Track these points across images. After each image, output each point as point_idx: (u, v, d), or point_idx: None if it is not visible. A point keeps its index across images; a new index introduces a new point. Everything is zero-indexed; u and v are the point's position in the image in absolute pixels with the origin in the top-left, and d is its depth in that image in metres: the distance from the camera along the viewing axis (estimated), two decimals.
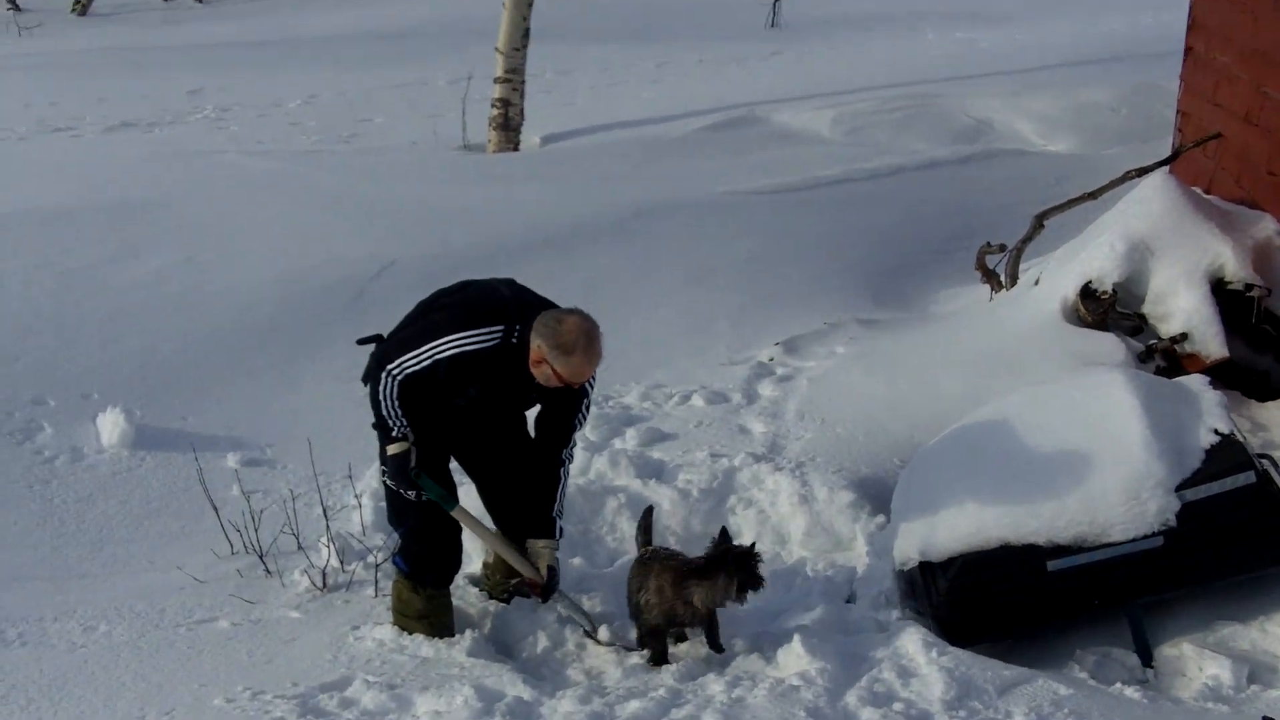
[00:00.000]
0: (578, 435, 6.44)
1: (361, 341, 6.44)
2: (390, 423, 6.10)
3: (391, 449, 6.14)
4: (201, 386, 9.09)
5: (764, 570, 6.08)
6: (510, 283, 6.31)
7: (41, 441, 8.29)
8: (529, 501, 6.38)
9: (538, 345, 5.91)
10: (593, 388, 6.34)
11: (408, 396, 6.07)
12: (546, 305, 6.12)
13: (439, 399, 6.14)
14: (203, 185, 12.57)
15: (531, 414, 6.48)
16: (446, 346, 5.95)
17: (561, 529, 6.42)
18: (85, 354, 9.19)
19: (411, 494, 6.20)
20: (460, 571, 6.60)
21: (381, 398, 6.07)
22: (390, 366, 6.03)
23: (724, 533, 6.25)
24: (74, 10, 26.69)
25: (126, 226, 11.12)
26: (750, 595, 6.04)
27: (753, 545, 6.10)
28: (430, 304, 6.28)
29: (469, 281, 6.37)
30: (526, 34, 16.26)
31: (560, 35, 21.13)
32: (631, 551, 7.13)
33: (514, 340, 5.97)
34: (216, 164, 13.82)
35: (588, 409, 6.39)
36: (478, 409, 6.26)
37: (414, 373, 6.00)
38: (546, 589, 6.33)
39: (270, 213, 11.81)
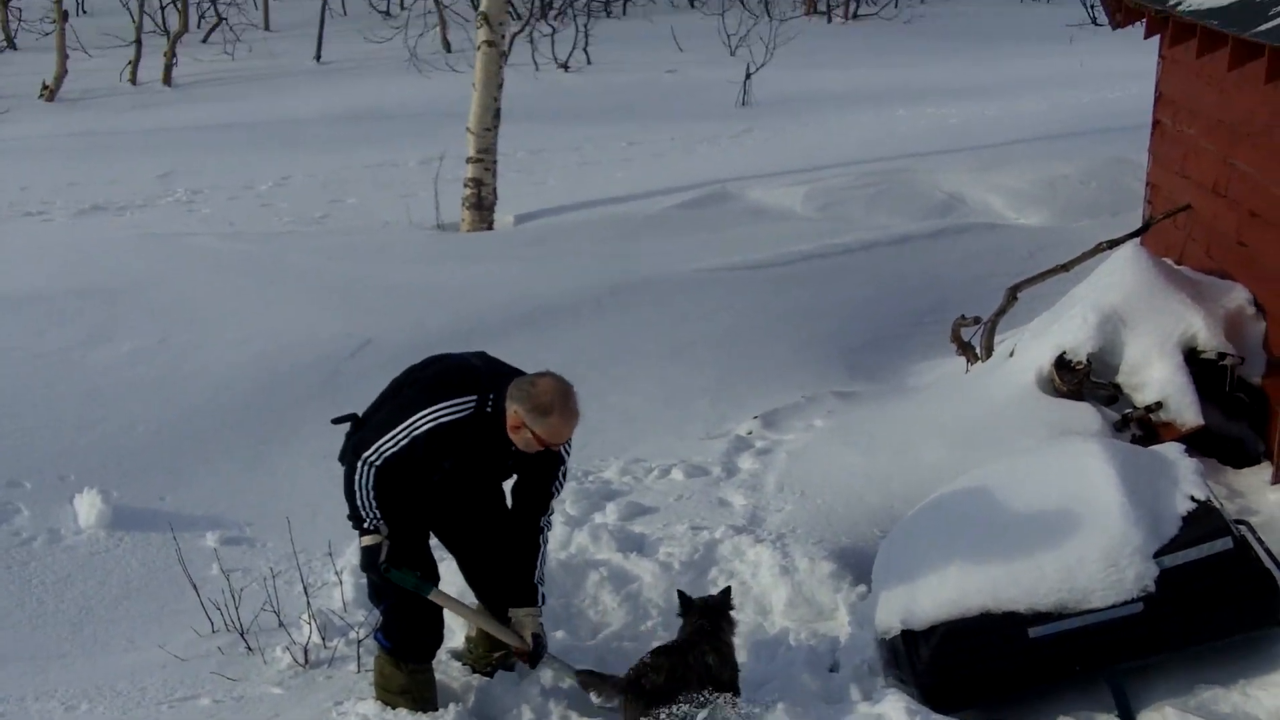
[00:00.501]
0: (555, 503, 6.44)
1: (336, 421, 6.43)
2: (363, 513, 6.08)
3: (363, 541, 6.13)
4: (178, 467, 9.08)
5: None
6: (481, 355, 6.33)
7: (19, 523, 8.26)
8: (509, 571, 6.37)
9: (514, 410, 5.91)
10: (569, 454, 6.33)
11: (385, 482, 6.06)
12: (518, 373, 6.13)
13: (415, 476, 6.12)
14: (176, 268, 12.60)
15: (508, 485, 6.49)
16: (422, 422, 5.95)
17: (544, 596, 6.41)
18: (61, 436, 9.17)
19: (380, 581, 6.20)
20: (443, 646, 6.58)
21: (356, 488, 6.05)
22: (367, 454, 6.00)
23: (682, 598, 6.38)
24: (41, 96, 26.74)
25: (100, 309, 11.14)
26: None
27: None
28: (402, 381, 6.30)
29: (439, 356, 6.39)
30: (497, 114, 16.34)
31: (531, 115, 21.27)
32: (613, 624, 7.14)
33: (488, 409, 5.97)
34: (189, 246, 13.86)
35: (565, 476, 6.39)
36: (454, 483, 6.24)
37: (392, 454, 5.99)
38: (534, 656, 6.31)
39: (244, 294, 11.84)
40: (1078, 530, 6.22)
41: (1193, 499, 6.35)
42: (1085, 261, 10.09)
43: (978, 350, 10.09)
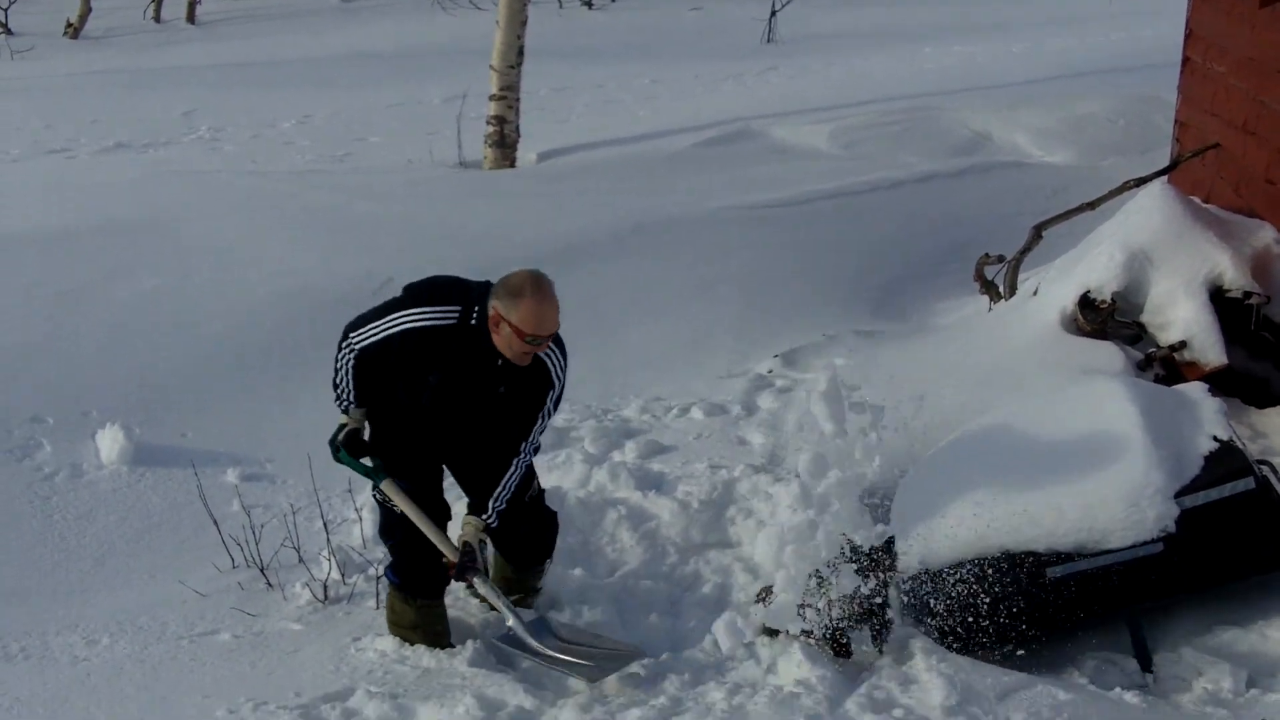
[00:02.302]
0: (538, 431, 6.28)
1: None
2: (336, 392, 6.23)
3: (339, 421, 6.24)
4: (200, 404, 9.09)
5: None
6: (483, 280, 6.22)
7: (41, 459, 8.29)
8: (478, 487, 6.31)
9: (492, 305, 5.84)
10: (560, 379, 6.21)
11: (366, 373, 6.14)
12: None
13: (403, 388, 6.14)
14: (198, 205, 12.58)
15: None
16: (400, 321, 5.97)
17: (495, 517, 6.20)
18: (83, 372, 9.19)
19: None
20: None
21: (337, 365, 6.18)
22: (353, 336, 6.09)
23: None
24: (66, 33, 26.73)
25: (123, 247, 11.13)
26: None
27: None
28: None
29: (443, 275, 6.39)
30: (521, 52, 16.26)
31: (555, 54, 21.19)
32: (631, 563, 7.14)
33: (473, 321, 5.93)
34: (211, 184, 13.84)
35: (555, 403, 6.26)
36: (446, 402, 6.17)
37: (367, 345, 6.03)
38: (460, 566, 6.15)
39: (265, 232, 11.82)
40: (1098, 470, 6.18)
41: (1215, 439, 6.31)
42: (1112, 200, 10.02)
43: (1001, 289, 10.04)
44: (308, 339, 9.75)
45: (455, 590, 6.59)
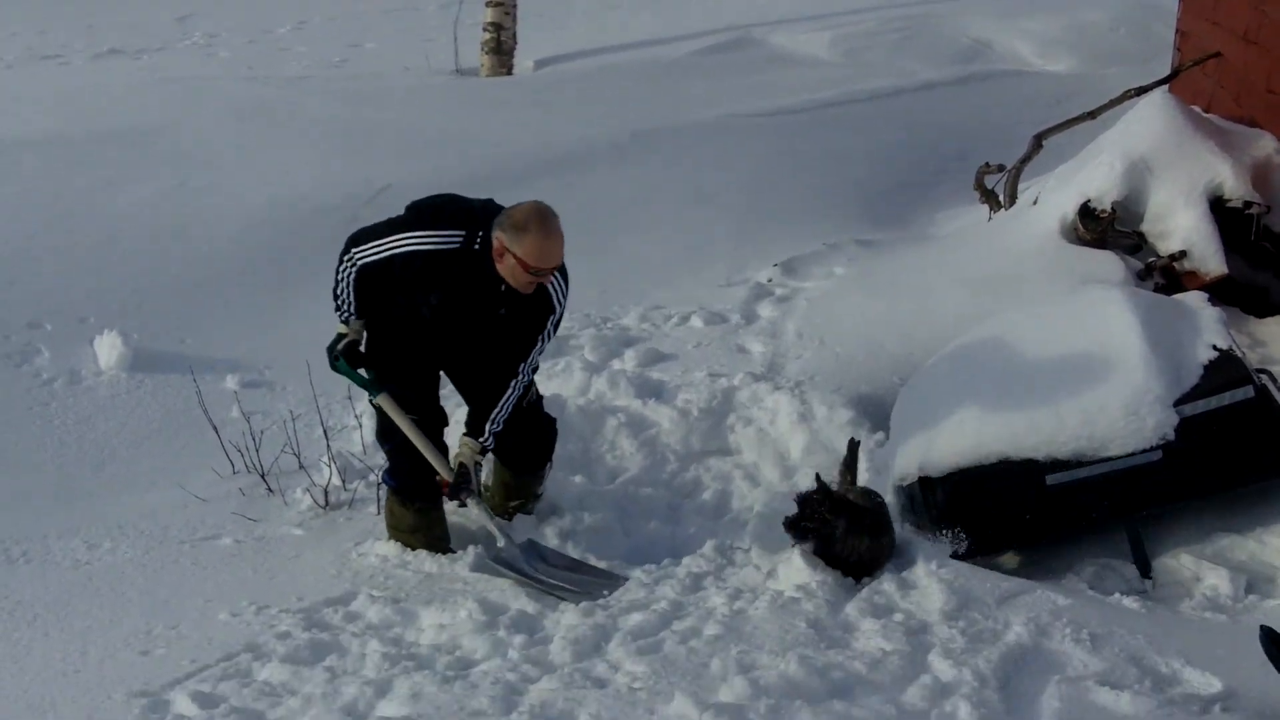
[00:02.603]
0: (537, 354, 6.32)
1: None
2: (336, 302, 6.23)
3: (338, 330, 6.26)
4: (198, 310, 9.09)
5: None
6: (486, 200, 6.23)
7: (39, 364, 8.29)
8: (475, 398, 6.38)
9: (496, 236, 5.88)
10: (562, 305, 6.24)
11: (367, 288, 6.13)
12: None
13: (403, 303, 6.15)
14: (194, 112, 12.50)
15: None
16: (404, 242, 5.97)
17: (491, 439, 6.26)
18: (80, 279, 9.17)
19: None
20: None
21: (338, 277, 6.17)
22: (355, 251, 6.08)
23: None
24: None
25: (119, 153, 11.08)
26: None
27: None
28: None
29: (449, 193, 6.35)
30: None
31: None
32: (631, 470, 7.15)
33: (476, 246, 5.95)
34: (207, 91, 13.73)
35: (555, 326, 6.28)
36: (447, 321, 6.20)
37: (369, 263, 6.03)
38: (454, 487, 6.24)
39: (262, 139, 11.77)
40: (1098, 379, 6.19)
41: (1214, 348, 6.32)
42: (1112, 109, 9.98)
43: (1001, 198, 10.02)
44: (305, 246, 9.73)
45: None
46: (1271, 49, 8.77)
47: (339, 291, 6.22)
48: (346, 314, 6.25)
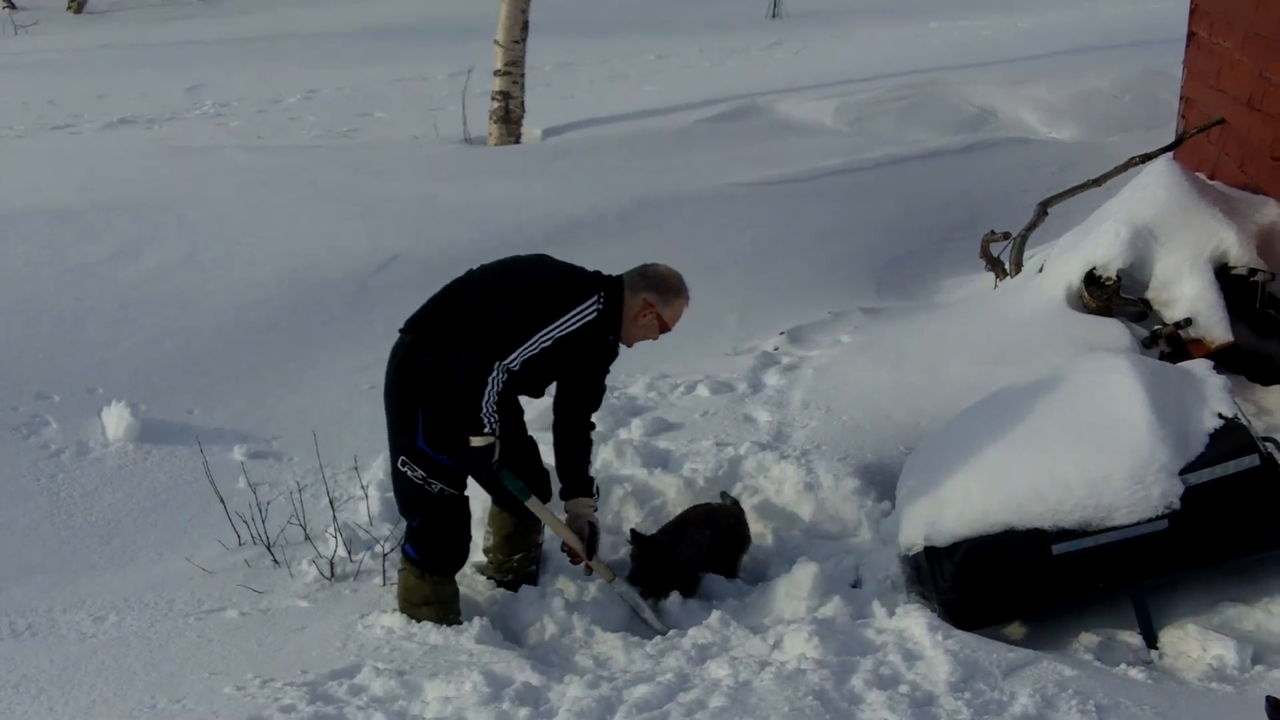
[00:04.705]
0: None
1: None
2: (485, 420, 6.07)
3: (476, 441, 6.12)
4: (206, 382, 9.10)
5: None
6: (550, 256, 6.52)
7: (47, 436, 8.30)
8: (563, 466, 6.55)
9: (644, 298, 6.22)
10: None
11: (509, 386, 6.14)
12: (604, 274, 6.35)
13: (530, 382, 6.29)
14: (203, 182, 12.57)
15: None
16: (566, 325, 6.09)
17: (598, 488, 6.66)
18: (89, 349, 9.19)
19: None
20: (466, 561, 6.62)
21: (487, 394, 6.03)
22: (507, 360, 6.02)
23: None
24: (70, 8, 26.70)
25: (128, 223, 11.12)
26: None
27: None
28: (487, 292, 6.27)
29: (528, 260, 6.50)
30: (525, 26, 16.24)
31: (560, 28, 21.15)
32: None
33: (601, 307, 6.16)
34: (217, 160, 13.82)
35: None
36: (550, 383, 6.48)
37: (530, 357, 6.06)
38: (590, 545, 6.48)
39: (271, 208, 11.81)
40: (1104, 447, 6.19)
41: (1220, 416, 6.31)
42: (1117, 176, 10.03)
43: (1007, 266, 10.05)
44: (314, 316, 9.79)
45: (463, 568, 6.59)
46: (1276, 116, 8.82)
47: (488, 409, 6.06)
48: (492, 425, 6.11)
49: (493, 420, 6.08)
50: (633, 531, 6.78)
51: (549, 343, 6.05)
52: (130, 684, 5.95)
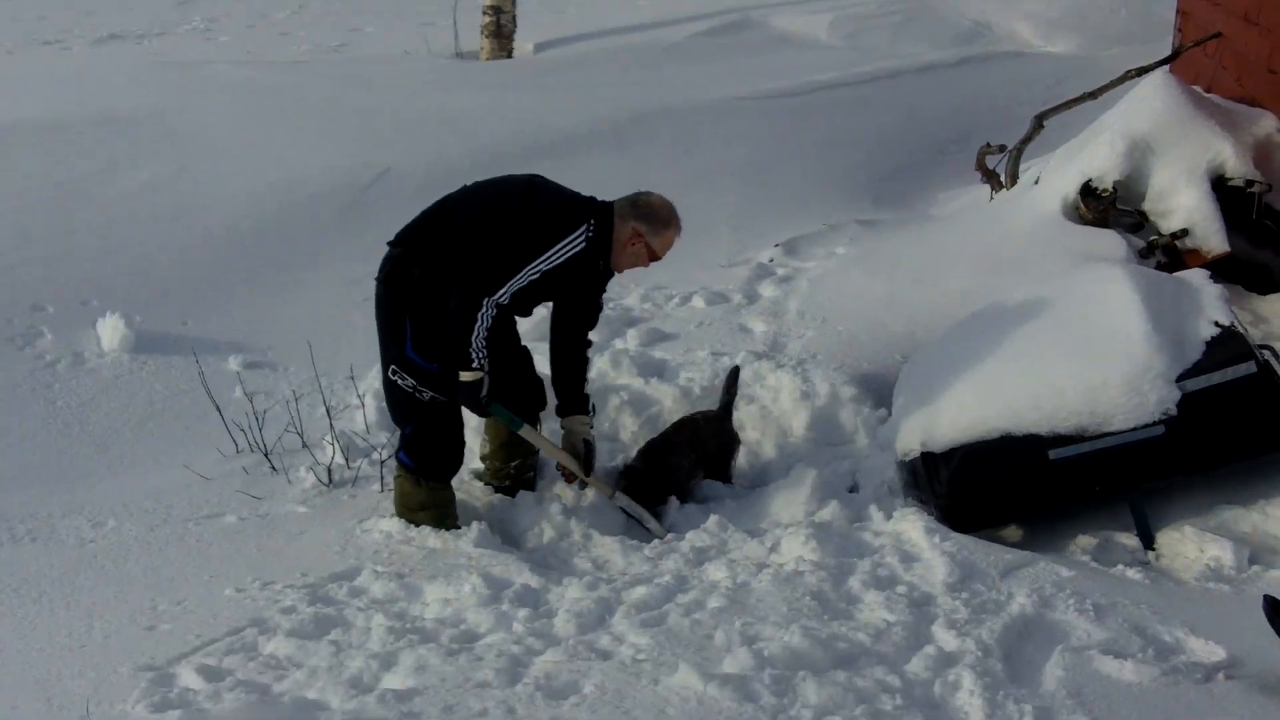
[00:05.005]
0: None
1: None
2: (474, 356, 6.07)
3: (465, 376, 6.12)
4: (199, 293, 9.10)
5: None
6: (542, 179, 6.43)
7: (42, 347, 8.29)
8: (559, 383, 6.58)
9: (633, 227, 6.20)
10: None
11: (498, 319, 6.13)
12: (598, 200, 6.32)
13: (518, 307, 6.29)
14: (193, 96, 12.50)
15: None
16: (555, 257, 6.07)
17: (594, 406, 6.65)
18: (82, 262, 9.18)
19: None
20: (463, 467, 6.63)
21: (477, 330, 6.02)
22: (496, 296, 6.01)
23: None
24: None
25: (119, 138, 11.08)
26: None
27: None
28: (481, 209, 6.23)
29: (519, 181, 6.41)
30: None
31: None
32: (634, 448, 7.16)
33: (591, 235, 6.14)
34: (207, 75, 13.75)
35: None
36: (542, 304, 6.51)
37: (519, 289, 6.06)
38: (587, 464, 6.51)
39: (262, 123, 11.77)
40: (1100, 355, 6.19)
41: (1216, 324, 6.31)
42: (1113, 90, 9.98)
43: (1003, 178, 10.03)
44: (305, 229, 9.78)
45: (460, 473, 6.60)
46: (1272, 29, 8.78)
47: (477, 344, 6.05)
48: (480, 360, 6.10)
49: (481, 356, 6.08)
50: (627, 467, 6.82)
51: (536, 275, 6.05)
52: (130, 588, 5.96)
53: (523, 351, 6.60)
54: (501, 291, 6.01)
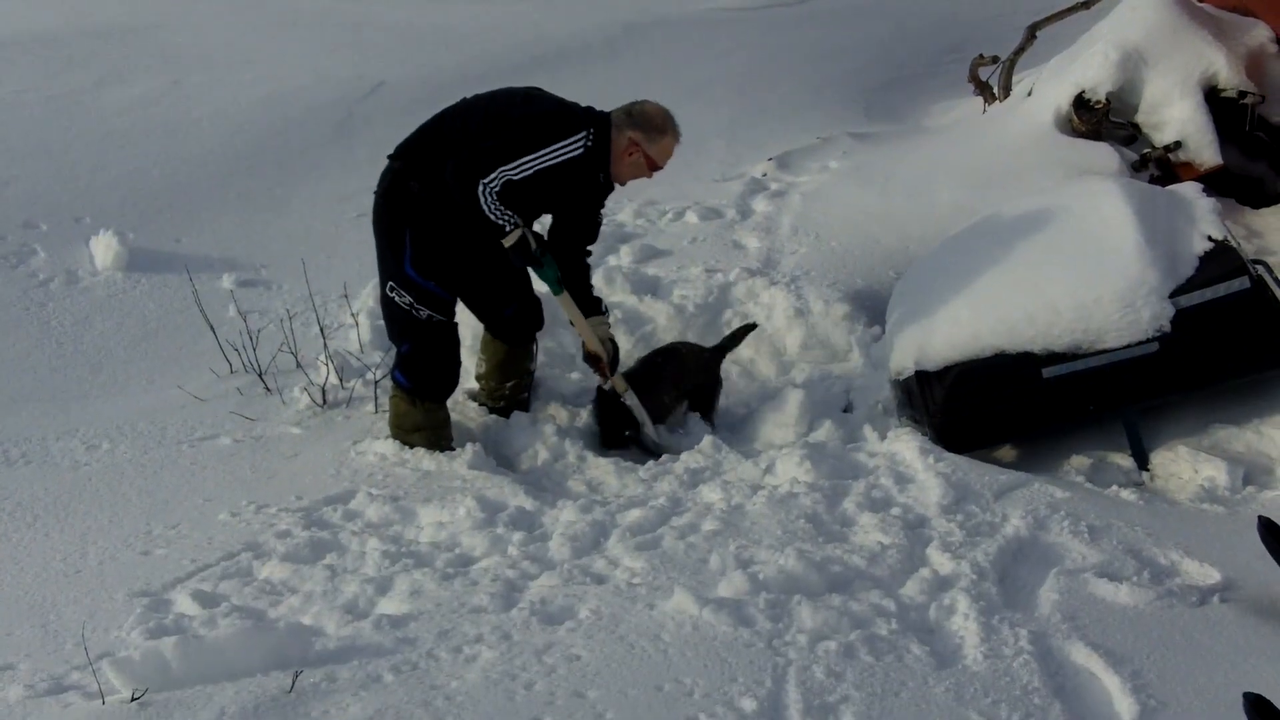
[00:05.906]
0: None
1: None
2: (500, 220, 6.06)
3: (507, 240, 6.13)
4: (193, 209, 9.06)
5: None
6: (541, 90, 6.42)
7: (35, 265, 8.25)
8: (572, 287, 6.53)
9: (629, 136, 6.16)
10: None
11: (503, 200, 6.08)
12: (597, 110, 6.27)
13: (523, 209, 6.22)
14: (186, 9, 12.43)
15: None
16: (549, 157, 6.03)
17: (606, 306, 6.69)
18: (75, 178, 9.14)
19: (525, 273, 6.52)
20: (458, 388, 6.63)
21: (486, 203, 6.01)
22: (488, 179, 5.97)
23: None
24: None
25: (111, 51, 11.01)
26: None
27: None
28: (486, 108, 6.24)
29: (521, 91, 6.39)
30: None
31: None
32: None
33: (589, 144, 6.10)
34: None
35: None
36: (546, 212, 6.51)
37: (513, 180, 6.00)
38: (612, 361, 6.54)
39: (255, 36, 11.69)
40: (1094, 271, 6.19)
41: (1210, 239, 6.30)
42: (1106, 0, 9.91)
43: (996, 90, 9.99)
44: (300, 143, 9.73)
45: (455, 395, 6.61)
46: None
47: (493, 213, 6.04)
48: (510, 221, 6.09)
49: (507, 217, 6.06)
50: (599, 389, 6.75)
51: (530, 172, 5.99)
52: (125, 510, 5.96)
53: (521, 270, 6.58)
54: (493, 175, 5.96)
